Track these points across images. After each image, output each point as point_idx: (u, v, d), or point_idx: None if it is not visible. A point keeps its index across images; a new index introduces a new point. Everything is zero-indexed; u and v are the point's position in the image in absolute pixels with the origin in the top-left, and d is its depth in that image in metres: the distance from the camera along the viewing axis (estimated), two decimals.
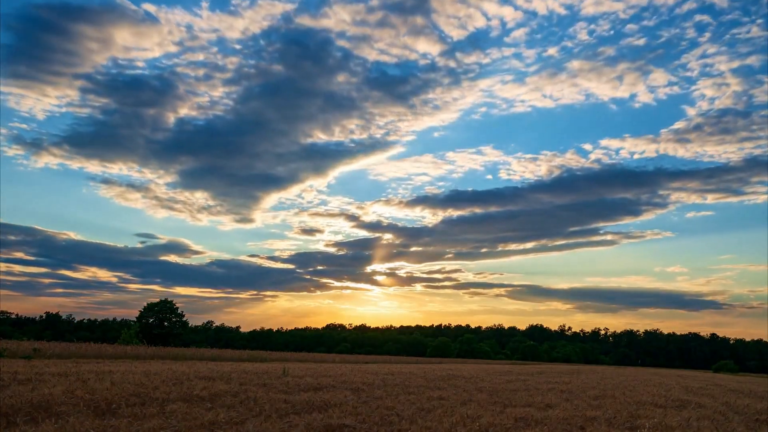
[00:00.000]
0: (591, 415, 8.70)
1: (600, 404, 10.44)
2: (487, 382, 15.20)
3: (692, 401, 11.88)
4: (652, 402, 11.35)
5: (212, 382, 10.07)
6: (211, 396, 8.44)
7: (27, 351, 19.14)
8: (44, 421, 5.84)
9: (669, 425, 7.90)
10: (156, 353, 25.13)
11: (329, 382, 11.66)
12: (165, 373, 11.42)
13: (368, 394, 10.11)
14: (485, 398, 10.69)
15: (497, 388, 13.15)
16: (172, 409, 7.04)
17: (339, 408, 8.04)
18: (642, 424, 7.97)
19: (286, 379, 11.87)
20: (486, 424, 7.19)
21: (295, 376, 12.97)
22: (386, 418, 7.36)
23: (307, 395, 9.22)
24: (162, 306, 60.14)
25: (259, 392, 9.17)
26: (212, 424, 6.34)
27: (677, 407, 10.72)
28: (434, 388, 12.17)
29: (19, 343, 22.49)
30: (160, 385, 8.93)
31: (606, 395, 12.64)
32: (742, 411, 10.67)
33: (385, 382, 12.83)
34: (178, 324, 60.63)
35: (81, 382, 8.67)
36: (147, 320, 59.42)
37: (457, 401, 9.84)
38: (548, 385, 15.26)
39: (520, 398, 10.95)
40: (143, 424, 6.04)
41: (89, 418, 6.17)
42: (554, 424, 7.64)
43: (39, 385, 8.16)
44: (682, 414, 9.44)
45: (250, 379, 11.32)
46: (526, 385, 15.15)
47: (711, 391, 16.15)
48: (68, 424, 5.72)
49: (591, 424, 7.79)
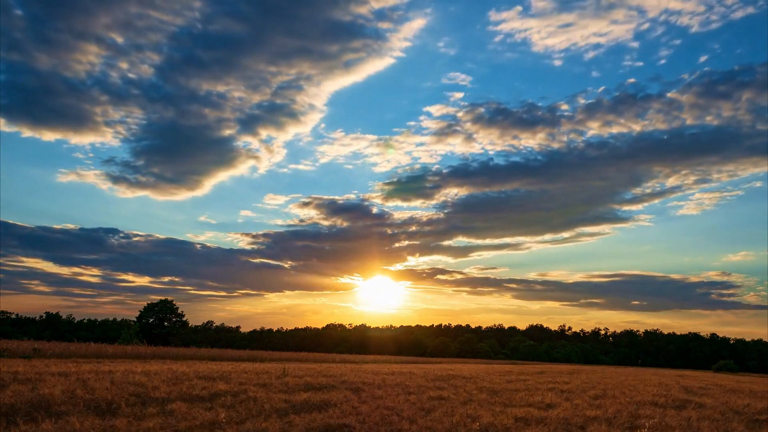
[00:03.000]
0: (591, 414, 8.70)
1: (600, 404, 10.44)
2: (487, 382, 15.19)
3: (692, 401, 11.87)
4: (652, 402, 11.34)
5: (212, 382, 10.07)
6: (211, 396, 8.44)
7: (27, 351, 19.15)
8: (44, 421, 5.84)
9: (669, 425, 7.91)
10: (156, 353, 25.13)
11: (329, 382, 11.65)
12: (165, 373, 11.42)
13: (368, 394, 10.11)
14: (485, 398, 10.69)
15: (497, 388, 13.14)
16: (172, 408, 7.04)
17: (339, 408, 8.04)
18: (642, 424, 7.98)
19: (286, 379, 11.87)
20: (486, 424, 7.19)
21: (295, 376, 12.96)
22: (386, 418, 7.36)
23: (306, 395, 9.21)
24: (162, 306, 60.20)
25: (258, 392, 9.17)
26: (212, 424, 6.34)
27: (677, 407, 10.71)
28: (434, 388, 12.16)
29: (19, 343, 22.50)
30: (160, 385, 8.92)
31: (606, 395, 12.64)
32: (742, 411, 10.66)
33: (385, 382, 12.83)
34: (178, 324, 60.69)
35: (81, 382, 8.67)
36: (147, 320, 59.48)
37: (457, 401, 9.84)
38: (548, 385, 15.25)
39: (520, 398, 10.94)
40: (143, 423, 6.04)
41: (89, 417, 6.17)
42: (554, 423, 7.64)
43: (39, 385, 8.16)
44: (682, 414, 9.44)
45: (249, 379, 11.32)
46: (526, 384, 15.14)
47: (711, 391, 16.14)
48: (68, 423, 5.72)
49: (591, 423, 7.80)
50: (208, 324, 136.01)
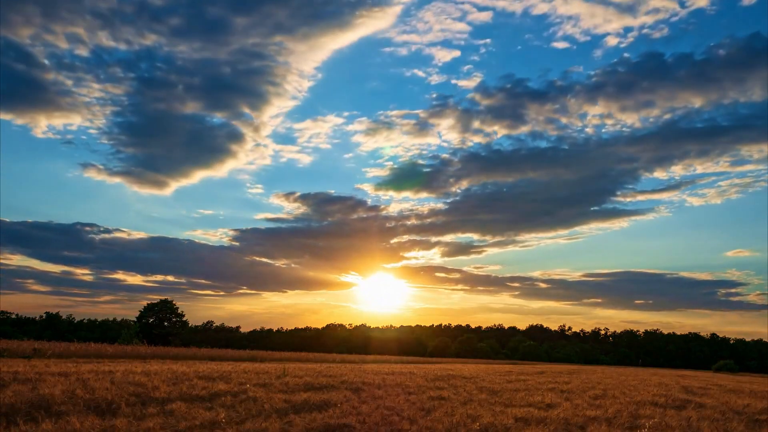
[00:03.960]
0: (591, 414, 8.70)
1: (600, 404, 10.44)
2: (488, 382, 15.19)
3: (692, 401, 11.87)
4: (652, 402, 11.34)
5: (212, 382, 10.06)
6: (211, 396, 8.44)
7: (27, 351, 19.15)
8: (44, 421, 5.84)
9: (669, 425, 7.91)
10: (156, 353, 25.14)
11: (329, 382, 11.65)
12: (165, 372, 11.41)
13: (368, 394, 10.11)
14: (485, 398, 10.69)
15: (497, 388, 13.14)
16: (172, 408, 7.04)
17: (339, 408, 8.04)
18: (642, 424, 7.98)
19: (286, 379, 11.87)
20: (486, 424, 7.19)
21: (295, 376, 12.95)
22: (386, 418, 7.36)
23: (306, 395, 9.21)
24: (162, 306, 60.23)
25: (258, 392, 9.17)
26: (212, 424, 6.34)
27: (677, 407, 10.71)
28: (434, 388, 12.16)
29: (19, 343, 22.51)
30: (160, 385, 8.92)
31: (606, 395, 12.64)
32: (742, 411, 10.67)
33: (385, 382, 12.83)
34: (178, 324, 60.72)
35: (81, 382, 8.67)
36: (147, 320, 59.51)
37: (457, 401, 9.84)
38: (548, 385, 15.25)
39: (520, 398, 10.95)
40: (143, 423, 6.05)
41: (89, 417, 6.17)
42: (554, 423, 7.64)
43: (39, 384, 8.16)
44: (682, 414, 9.45)
45: (249, 379, 11.32)
46: (526, 384, 15.14)
47: (711, 391, 16.14)
48: (68, 423, 5.72)
49: (591, 423, 7.80)
50: (208, 324, 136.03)
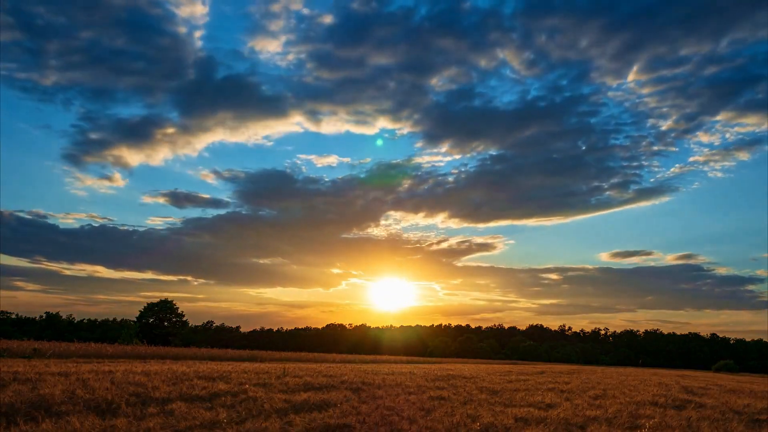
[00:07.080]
0: (591, 414, 8.70)
1: (600, 404, 10.44)
2: (488, 382, 15.19)
3: (692, 401, 11.87)
4: (652, 402, 11.34)
5: (212, 382, 10.06)
6: (211, 396, 8.44)
7: (27, 351, 19.15)
8: (44, 421, 5.84)
9: (669, 425, 7.91)
10: (156, 353, 25.13)
11: (329, 382, 11.65)
12: (165, 372, 11.41)
13: (368, 394, 10.11)
14: (485, 398, 10.69)
15: (497, 388, 13.14)
16: (172, 408, 7.04)
17: (339, 408, 8.04)
18: (642, 424, 7.98)
19: (286, 378, 11.86)
20: (486, 424, 7.19)
21: (295, 375, 12.95)
22: (386, 418, 7.36)
23: (306, 395, 9.21)
24: (162, 306, 60.23)
25: (258, 392, 9.17)
26: (212, 424, 6.34)
27: (677, 407, 10.71)
28: (434, 388, 12.16)
29: (19, 343, 22.51)
30: (160, 385, 8.92)
31: (606, 395, 12.64)
32: (742, 411, 10.67)
33: (385, 381, 12.83)
34: (178, 324, 60.72)
35: (81, 382, 8.67)
36: (147, 320, 59.51)
37: (457, 401, 9.84)
38: (548, 385, 15.25)
39: (520, 398, 10.94)
40: (143, 423, 6.05)
41: (89, 417, 6.17)
42: (555, 423, 7.64)
43: (39, 384, 8.16)
44: (682, 414, 9.45)
45: (249, 378, 11.32)
46: (526, 384, 15.14)
47: (711, 391, 16.14)
48: (68, 423, 5.72)
49: (591, 423, 7.80)
50: (208, 324, 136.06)
